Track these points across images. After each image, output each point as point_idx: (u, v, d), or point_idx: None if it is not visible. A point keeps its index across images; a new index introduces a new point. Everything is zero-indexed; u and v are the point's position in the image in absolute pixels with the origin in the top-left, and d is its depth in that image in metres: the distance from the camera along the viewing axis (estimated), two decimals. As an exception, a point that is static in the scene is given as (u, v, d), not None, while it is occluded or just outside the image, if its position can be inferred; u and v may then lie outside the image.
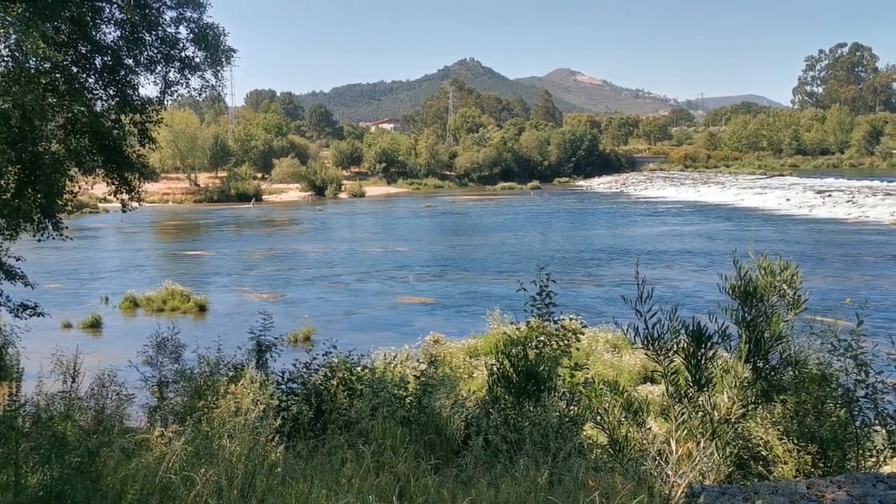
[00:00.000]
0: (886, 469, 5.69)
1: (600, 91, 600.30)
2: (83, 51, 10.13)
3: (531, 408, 7.08)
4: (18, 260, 12.23)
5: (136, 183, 11.83)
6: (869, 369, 5.94)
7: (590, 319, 16.43)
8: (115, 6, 9.87)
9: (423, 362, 9.20)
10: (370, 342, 17.20)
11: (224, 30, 10.61)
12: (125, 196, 11.78)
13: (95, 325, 23.90)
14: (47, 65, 9.20)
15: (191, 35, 10.47)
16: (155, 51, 10.40)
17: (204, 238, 55.09)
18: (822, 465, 5.90)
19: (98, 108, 10.68)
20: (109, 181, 11.53)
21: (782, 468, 6.04)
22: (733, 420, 5.85)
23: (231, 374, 8.46)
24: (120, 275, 35.30)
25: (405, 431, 6.63)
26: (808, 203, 63.67)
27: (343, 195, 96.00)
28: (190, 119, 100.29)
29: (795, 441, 6.05)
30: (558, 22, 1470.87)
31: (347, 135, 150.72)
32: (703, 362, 5.95)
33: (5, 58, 8.11)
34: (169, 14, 10.29)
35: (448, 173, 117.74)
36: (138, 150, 11.72)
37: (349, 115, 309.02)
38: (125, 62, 10.36)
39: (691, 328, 5.97)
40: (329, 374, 8.27)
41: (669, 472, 5.18)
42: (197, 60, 10.62)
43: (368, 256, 40.85)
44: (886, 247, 39.19)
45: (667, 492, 4.96)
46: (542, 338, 7.90)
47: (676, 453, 5.38)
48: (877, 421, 5.89)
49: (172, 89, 10.92)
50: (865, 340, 6.07)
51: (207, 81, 10.92)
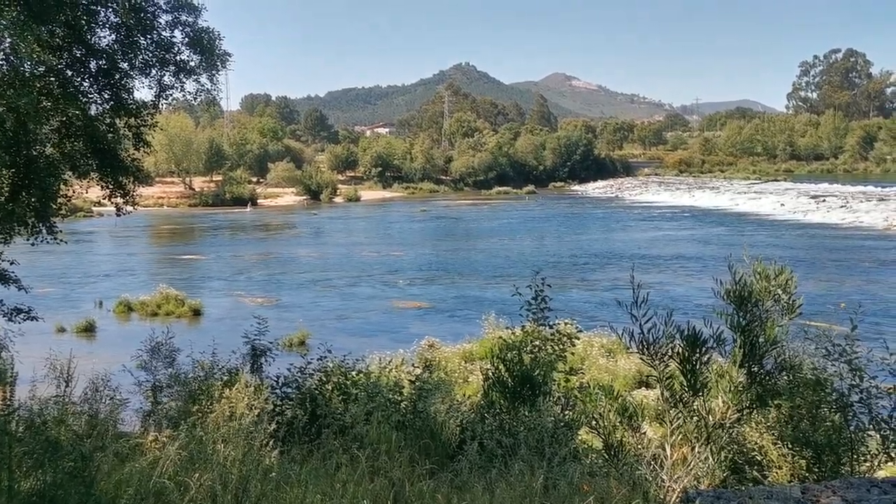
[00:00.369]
0: (881, 474, 5.69)
1: (596, 96, 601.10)
2: (78, 54, 10.11)
3: (526, 412, 7.07)
4: (12, 264, 12.18)
5: (131, 187, 11.78)
6: (863, 374, 5.94)
7: (584, 324, 16.43)
8: (110, 10, 9.86)
9: (419, 367, 9.19)
10: (365, 346, 17.16)
11: (219, 34, 10.63)
12: (120, 200, 11.73)
13: (89, 330, 23.82)
14: (42, 68, 9.19)
15: (186, 39, 10.47)
16: (150, 54, 10.39)
17: (199, 242, 54.98)
18: (817, 470, 5.91)
19: (93, 112, 10.66)
20: (104, 185, 11.49)
21: (777, 473, 6.04)
22: (728, 425, 5.85)
23: (226, 379, 8.43)
24: (114, 279, 35.19)
25: (400, 436, 6.62)
26: (803, 208, 63.91)
27: (338, 199, 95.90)
28: (185, 123, 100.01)
29: (790, 446, 6.06)
30: (554, 27, 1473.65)
31: (343, 139, 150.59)
32: (698, 367, 5.95)
33: (0, 61, 8.11)
34: (164, 18, 10.29)
35: (443, 178, 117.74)
36: (133, 154, 11.70)
37: (345, 119, 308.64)
38: (120, 66, 10.35)
39: (686, 333, 5.97)
40: (324, 379, 8.26)
41: (664, 477, 5.18)
42: (192, 64, 10.63)
43: (363, 261, 40.82)
44: (880, 252, 39.34)
45: (662, 497, 4.97)
46: (538, 342, 7.90)
47: (671, 458, 5.39)
48: (871, 426, 5.89)
49: (167, 93, 10.91)
50: (860, 345, 6.09)
51: (202, 85, 10.93)
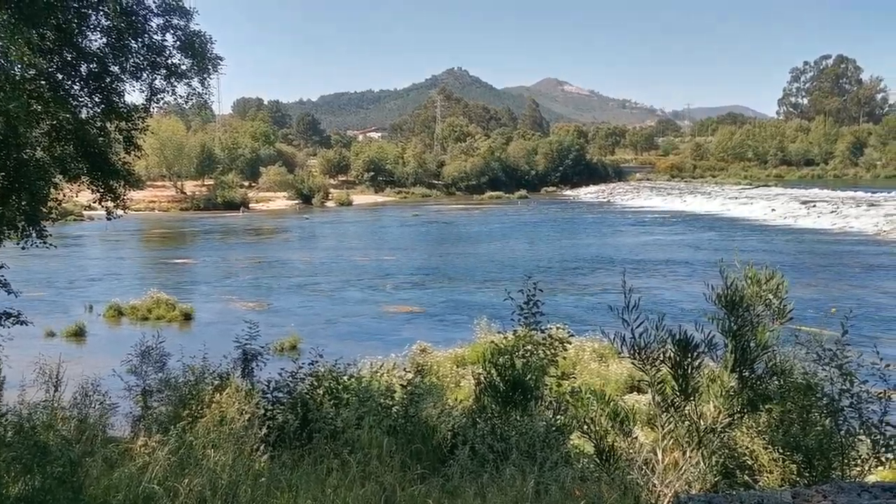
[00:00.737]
0: (871, 478, 5.71)
1: (588, 101, 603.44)
2: (68, 58, 10.06)
3: (518, 417, 7.07)
4: (2, 267, 12.10)
5: (122, 190, 11.71)
6: (853, 379, 5.97)
7: (576, 328, 16.43)
8: (101, 13, 9.81)
9: (410, 371, 9.16)
10: (357, 351, 17.09)
11: (211, 37, 10.57)
12: (110, 204, 11.66)
13: (79, 334, 23.65)
14: (32, 71, 9.13)
15: (177, 42, 10.42)
16: (141, 58, 10.34)
17: (190, 246, 54.79)
18: (808, 474, 5.92)
19: (83, 115, 10.60)
20: (94, 189, 11.42)
21: (768, 477, 6.05)
22: (719, 429, 5.86)
23: (216, 383, 8.40)
24: (104, 283, 34.99)
25: (391, 441, 6.61)
26: (793, 213, 64.25)
27: (330, 204, 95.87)
28: (176, 127, 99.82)
29: (781, 450, 6.07)
30: (546, 32, 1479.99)
31: (335, 143, 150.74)
32: (690, 372, 5.96)
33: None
34: (155, 21, 10.23)
35: (435, 182, 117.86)
36: (124, 158, 11.64)
37: (337, 124, 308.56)
38: (111, 69, 10.30)
39: (678, 337, 5.98)
40: (315, 384, 8.23)
41: (656, 482, 5.19)
42: (183, 68, 10.58)
43: (355, 265, 40.75)
44: (870, 257, 39.54)
45: (653, 501, 4.97)
46: (529, 347, 7.89)
47: (663, 462, 5.39)
48: (861, 430, 5.91)
49: (158, 97, 10.86)
50: (850, 350, 6.11)
51: (194, 89, 10.87)
